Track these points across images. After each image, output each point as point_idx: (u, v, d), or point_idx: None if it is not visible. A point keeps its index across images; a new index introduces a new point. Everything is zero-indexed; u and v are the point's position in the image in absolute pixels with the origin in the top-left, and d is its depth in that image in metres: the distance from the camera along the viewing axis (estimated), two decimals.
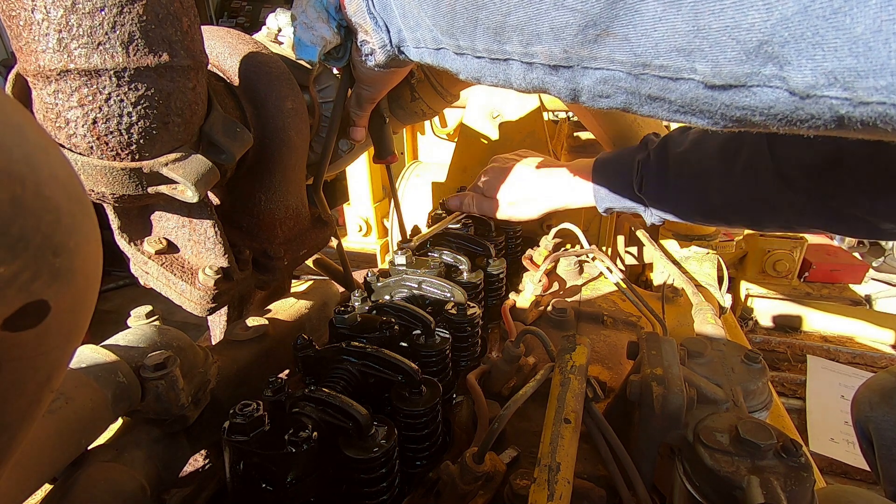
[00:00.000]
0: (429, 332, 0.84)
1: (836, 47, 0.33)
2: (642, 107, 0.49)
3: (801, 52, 0.35)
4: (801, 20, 0.34)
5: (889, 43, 0.31)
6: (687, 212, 0.97)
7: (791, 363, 2.26)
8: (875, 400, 1.03)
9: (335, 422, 0.66)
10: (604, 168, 1.06)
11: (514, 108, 1.71)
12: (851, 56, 0.33)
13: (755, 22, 0.36)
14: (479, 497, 0.71)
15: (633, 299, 1.18)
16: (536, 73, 0.54)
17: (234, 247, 0.90)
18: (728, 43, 0.38)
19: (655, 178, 0.97)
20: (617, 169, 1.04)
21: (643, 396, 0.70)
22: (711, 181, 0.91)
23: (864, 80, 0.33)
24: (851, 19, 0.32)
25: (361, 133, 1.10)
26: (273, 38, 1.05)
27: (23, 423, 0.35)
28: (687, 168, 0.94)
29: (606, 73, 0.47)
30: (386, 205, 2.75)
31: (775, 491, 0.56)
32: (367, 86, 0.98)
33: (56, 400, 0.59)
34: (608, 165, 1.06)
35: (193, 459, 0.82)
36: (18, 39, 0.61)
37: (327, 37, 0.81)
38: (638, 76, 0.45)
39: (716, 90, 0.41)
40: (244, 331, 0.92)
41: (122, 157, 0.69)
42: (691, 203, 0.95)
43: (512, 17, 0.51)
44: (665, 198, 0.97)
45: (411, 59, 0.73)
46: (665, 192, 0.97)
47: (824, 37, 0.33)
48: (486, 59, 0.59)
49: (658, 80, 0.44)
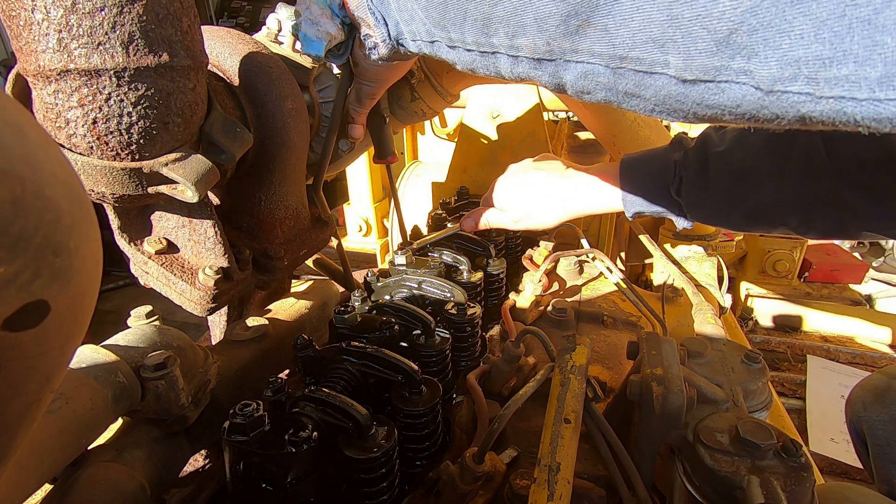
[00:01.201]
0: (429, 332, 0.84)
1: (802, 33, 0.34)
2: (621, 104, 0.50)
3: (767, 42, 0.36)
4: (770, 6, 0.34)
5: (852, 29, 0.32)
6: (729, 215, 0.89)
7: (791, 363, 2.26)
8: (869, 400, 1.03)
9: (335, 422, 0.66)
10: (633, 170, 0.98)
11: (514, 108, 1.71)
12: (817, 42, 0.33)
13: (726, 10, 0.36)
14: (479, 497, 0.71)
15: (633, 299, 1.18)
16: (522, 67, 0.55)
17: (234, 247, 0.90)
18: (699, 33, 0.38)
19: (695, 180, 0.89)
20: (649, 170, 0.96)
21: (643, 396, 0.70)
22: (761, 181, 0.83)
23: (828, 69, 0.34)
24: (817, 4, 0.33)
25: (360, 131, 1.08)
26: (273, 38, 1.05)
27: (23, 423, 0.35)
28: (730, 168, 0.86)
29: (587, 66, 0.48)
30: (386, 205, 2.75)
31: (775, 491, 0.56)
32: (367, 81, 0.97)
33: (56, 400, 0.59)
34: (638, 167, 0.98)
35: (193, 459, 0.82)
36: (18, 39, 0.61)
37: (332, 32, 0.81)
38: (615, 70, 0.46)
39: (686, 85, 0.42)
40: (244, 331, 0.92)
41: (122, 157, 0.69)
42: (736, 205, 0.87)
43: (499, 7, 0.52)
44: (705, 201, 0.90)
45: (411, 51, 0.73)
46: (706, 195, 0.89)
47: (791, 23, 0.34)
48: (476, 52, 0.60)
49: (634, 75, 0.45)
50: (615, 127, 1.28)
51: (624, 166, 0.99)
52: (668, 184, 0.92)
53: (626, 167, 0.98)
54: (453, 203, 1.47)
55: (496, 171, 1.74)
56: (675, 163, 0.92)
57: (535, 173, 1.12)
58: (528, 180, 1.12)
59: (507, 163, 1.74)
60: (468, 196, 1.53)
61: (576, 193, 1.05)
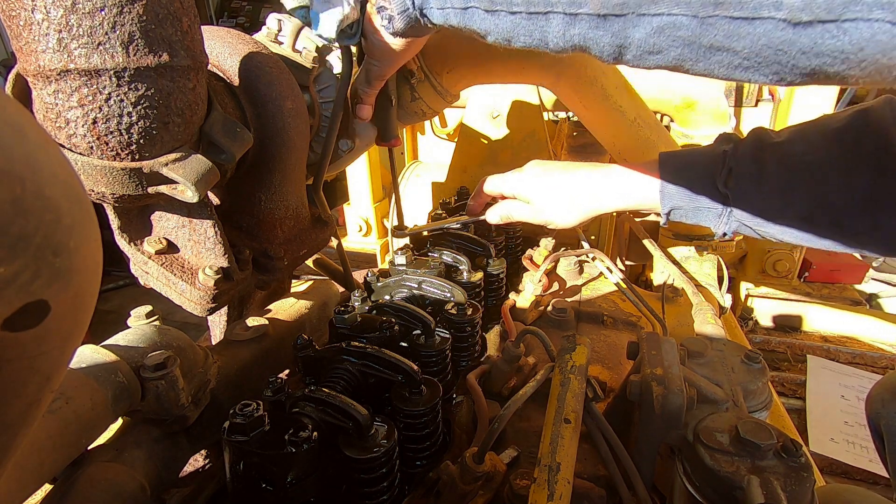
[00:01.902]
0: (429, 332, 0.84)
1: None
2: (697, 62, 0.45)
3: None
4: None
5: None
6: (783, 211, 0.78)
7: (791, 363, 2.26)
8: (887, 397, 1.02)
9: (335, 422, 0.66)
10: (675, 160, 0.88)
11: (514, 108, 1.71)
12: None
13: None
14: (479, 497, 0.71)
15: (633, 299, 1.18)
16: (579, 28, 0.50)
17: (234, 247, 0.90)
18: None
19: (748, 171, 0.79)
20: (693, 161, 0.86)
21: (643, 396, 0.70)
22: (827, 174, 0.73)
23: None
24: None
25: (368, 111, 1.04)
26: (273, 38, 1.05)
27: (23, 424, 0.35)
28: (789, 160, 0.76)
29: (666, 19, 0.43)
30: (386, 205, 2.75)
31: (775, 491, 0.56)
32: (377, 60, 0.93)
33: (56, 400, 0.59)
34: (680, 158, 0.88)
35: (193, 459, 0.82)
36: (18, 39, 0.61)
37: (345, 11, 0.80)
38: (704, 20, 0.41)
39: (798, 29, 0.37)
40: (244, 331, 0.92)
41: (122, 157, 0.69)
42: (792, 201, 0.76)
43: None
44: (758, 193, 0.79)
45: (434, 21, 0.69)
46: (759, 186, 0.78)
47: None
48: (523, 15, 0.54)
49: (729, 24, 0.40)
50: (615, 127, 1.28)
51: (664, 157, 0.89)
52: (715, 175, 0.82)
53: (667, 158, 0.89)
54: (453, 203, 1.47)
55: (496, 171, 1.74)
56: (723, 153, 0.82)
57: (563, 166, 1.03)
58: (557, 171, 1.02)
59: (507, 163, 1.75)
60: (468, 196, 1.53)
61: (608, 186, 0.94)
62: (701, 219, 0.86)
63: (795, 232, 0.78)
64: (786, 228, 0.79)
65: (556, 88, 1.18)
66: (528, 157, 1.69)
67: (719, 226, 0.85)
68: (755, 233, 0.83)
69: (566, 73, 1.13)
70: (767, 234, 0.82)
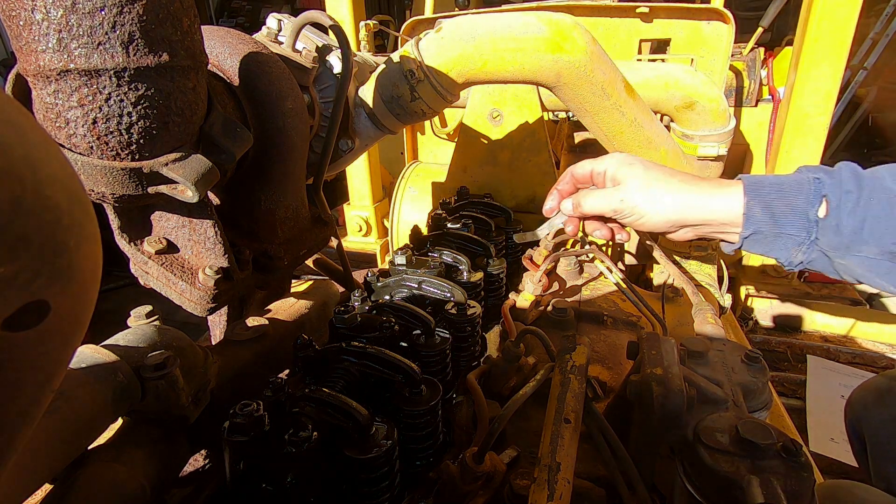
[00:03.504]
0: (429, 332, 0.84)
1: None
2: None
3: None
4: None
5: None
6: (875, 245, 0.77)
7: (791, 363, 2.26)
8: (869, 401, 1.04)
9: (335, 422, 0.66)
10: (760, 184, 0.84)
11: (514, 108, 1.71)
12: None
13: None
14: (479, 497, 0.71)
15: (633, 299, 1.18)
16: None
17: (234, 247, 0.90)
18: None
19: (843, 200, 0.78)
20: (780, 187, 0.83)
21: (643, 396, 0.70)
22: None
23: None
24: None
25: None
26: (273, 38, 1.05)
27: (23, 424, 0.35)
28: (886, 193, 0.76)
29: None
30: (386, 205, 2.75)
31: (775, 491, 0.56)
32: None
33: (56, 400, 0.59)
34: (765, 181, 0.85)
35: (193, 459, 0.82)
36: (18, 39, 0.61)
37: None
38: None
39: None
40: (244, 331, 0.92)
41: (122, 157, 0.69)
42: (887, 236, 0.76)
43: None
44: (849, 226, 0.77)
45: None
46: (852, 218, 0.77)
47: None
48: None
49: None
50: (615, 127, 1.28)
51: (748, 181, 0.85)
52: (807, 202, 0.80)
53: (752, 181, 0.85)
54: (453, 203, 1.47)
55: (496, 171, 1.75)
56: (815, 181, 0.80)
57: (656, 164, 0.92)
58: (653, 164, 0.92)
59: (508, 163, 1.75)
60: (468, 196, 1.53)
61: (698, 193, 0.87)
62: (777, 247, 0.83)
63: (877, 267, 0.78)
64: (868, 261, 0.78)
65: (556, 88, 1.18)
66: (527, 157, 1.70)
67: (797, 255, 0.82)
68: (831, 265, 0.82)
69: (566, 72, 1.13)
70: (844, 266, 0.81)
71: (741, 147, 2.61)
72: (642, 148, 1.31)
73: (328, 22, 1.02)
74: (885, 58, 3.68)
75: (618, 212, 0.89)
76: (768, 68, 2.54)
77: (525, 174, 1.69)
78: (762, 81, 2.53)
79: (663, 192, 0.86)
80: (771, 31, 2.92)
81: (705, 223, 0.86)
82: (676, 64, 1.75)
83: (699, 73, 1.58)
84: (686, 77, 1.51)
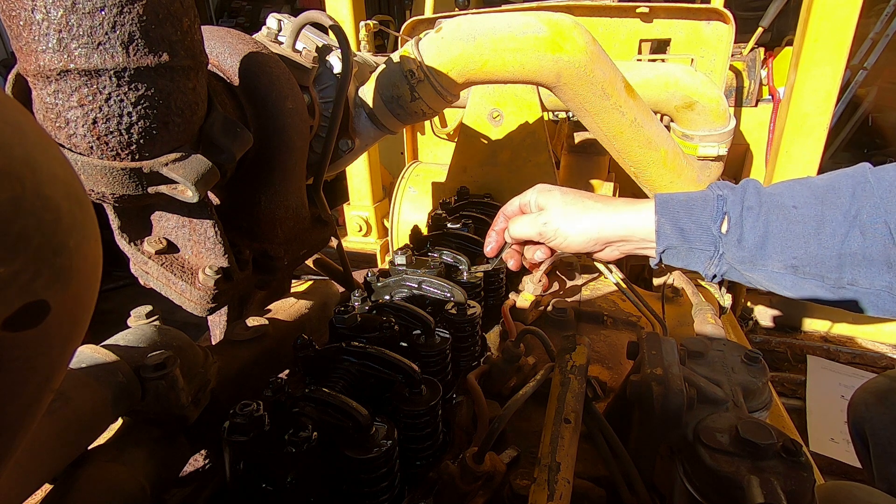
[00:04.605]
0: (429, 332, 0.84)
1: None
2: None
3: None
4: None
5: None
6: (774, 262, 0.81)
7: (791, 363, 2.26)
8: (871, 401, 1.04)
9: (335, 422, 0.66)
10: (669, 201, 0.90)
11: (514, 108, 1.71)
12: None
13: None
14: (479, 497, 0.71)
15: (633, 299, 1.18)
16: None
17: (234, 247, 0.90)
18: None
19: (743, 216, 0.83)
20: (688, 204, 0.88)
21: (643, 396, 0.70)
22: (822, 225, 0.77)
23: None
24: None
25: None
26: (273, 38, 1.05)
27: (23, 424, 0.35)
28: (783, 211, 0.81)
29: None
30: (386, 205, 2.75)
31: (775, 491, 0.56)
32: None
33: (56, 400, 0.59)
34: (674, 198, 0.90)
35: (193, 459, 0.82)
36: (18, 39, 0.61)
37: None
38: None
39: None
40: (244, 331, 0.92)
41: (122, 157, 0.69)
42: (787, 251, 0.80)
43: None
44: (750, 241, 0.82)
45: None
46: (752, 234, 0.82)
47: None
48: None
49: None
50: (615, 127, 1.28)
51: (660, 199, 0.91)
52: (710, 218, 0.85)
53: (663, 199, 0.90)
54: (453, 203, 1.47)
55: (496, 171, 1.75)
56: (718, 198, 0.86)
57: (573, 189, 1.00)
58: (570, 189, 0.99)
59: (508, 163, 1.75)
60: (468, 196, 1.53)
61: (614, 213, 0.93)
62: (692, 260, 0.88)
63: (781, 280, 0.82)
64: (773, 274, 0.82)
65: (556, 88, 1.18)
66: (527, 157, 1.70)
67: (710, 268, 0.87)
68: (743, 278, 0.86)
69: (566, 72, 1.13)
70: (754, 280, 0.85)
71: (741, 147, 2.61)
72: (642, 148, 1.31)
73: (328, 22, 1.02)
74: (885, 58, 3.68)
75: (542, 234, 0.95)
76: (768, 68, 2.54)
77: (525, 174, 1.69)
78: (762, 81, 2.53)
79: (580, 215, 0.93)
80: (771, 31, 2.92)
81: (624, 240, 0.92)
82: (676, 64, 1.75)
83: (699, 73, 1.58)
84: (686, 77, 1.51)
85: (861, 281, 0.75)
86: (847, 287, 0.76)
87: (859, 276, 0.75)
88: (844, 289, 0.77)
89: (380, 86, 1.16)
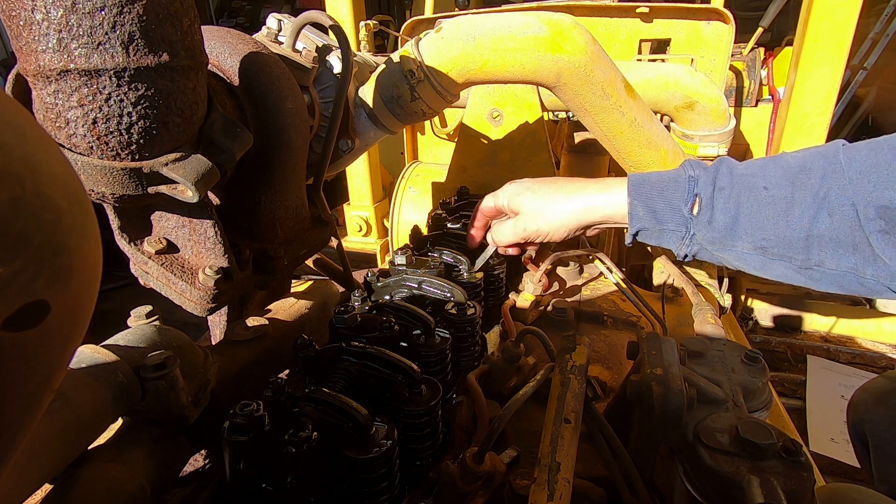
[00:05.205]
0: (429, 332, 0.84)
1: None
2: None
3: None
4: None
5: None
6: (743, 242, 0.82)
7: (791, 363, 2.26)
8: (871, 402, 1.04)
9: (335, 422, 0.66)
10: (642, 183, 0.90)
11: (514, 107, 1.71)
12: None
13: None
14: (479, 497, 0.71)
15: (633, 299, 1.18)
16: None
17: (234, 247, 0.90)
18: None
19: (713, 196, 0.83)
20: (660, 184, 0.88)
21: (643, 396, 0.70)
22: (791, 207, 0.76)
23: None
24: None
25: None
26: (273, 38, 1.05)
27: (23, 423, 0.35)
28: (753, 192, 0.80)
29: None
30: (386, 205, 2.75)
31: (775, 491, 0.56)
32: None
33: (56, 400, 0.59)
34: (647, 180, 0.90)
35: (193, 459, 0.82)
36: (18, 39, 0.61)
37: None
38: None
39: None
40: (244, 331, 0.92)
41: (122, 157, 0.69)
42: (754, 232, 0.80)
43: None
44: (720, 221, 0.82)
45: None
46: (723, 215, 0.82)
47: None
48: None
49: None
50: (615, 127, 1.28)
51: (633, 179, 0.91)
52: (681, 199, 0.85)
53: (635, 180, 0.91)
54: (453, 203, 1.47)
55: (496, 171, 1.75)
56: (689, 179, 0.85)
57: (549, 179, 1.03)
58: (544, 182, 1.02)
59: (508, 163, 1.75)
60: (468, 196, 1.53)
61: (588, 198, 0.95)
62: (665, 241, 0.89)
63: (750, 260, 0.83)
64: (742, 255, 0.83)
65: (556, 88, 1.18)
66: (527, 157, 1.70)
67: (681, 248, 0.88)
68: (713, 258, 0.87)
69: (566, 72, 1.13)
70: (724, 260, 0.86)
71: (741, 147, 2.61)
72: (642, 148, 1.31)
73: (328, 22, 1.02)
74: (885, 58, 3.68)
75: (527, 238, 1.01)
76: (768, 68, 2.54)
77: (525, 174, 1.67)
78: (762, 81, 2.54)
79: (553, 210, 0.97)
80: (771, 31, 2.92)
81: (604, 221, 0.96)
82: (676, 64, 1.75)
83: (699, 73, 1.58)
84: (686, 77, 1.51)
85: (828, 262, 0.75)
86: (814, 268, 0.77)
87: (826, 258, 0.75)
88: (812, 270, 0.77)
89: (380, 86, 1.16)
